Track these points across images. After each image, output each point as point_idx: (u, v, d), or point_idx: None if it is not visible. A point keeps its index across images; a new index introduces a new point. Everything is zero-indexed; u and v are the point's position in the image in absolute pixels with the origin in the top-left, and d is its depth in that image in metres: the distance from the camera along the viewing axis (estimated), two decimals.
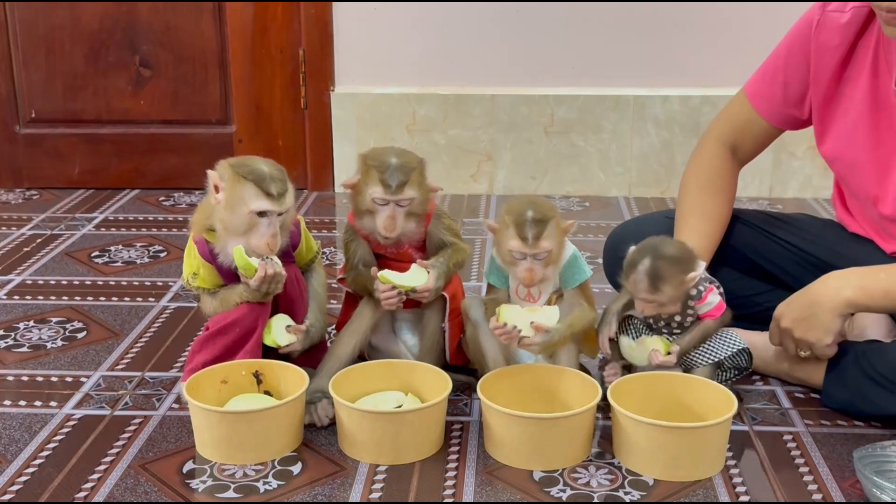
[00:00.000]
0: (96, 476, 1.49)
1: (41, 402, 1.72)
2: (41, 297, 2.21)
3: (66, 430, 1.63)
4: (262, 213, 1.55)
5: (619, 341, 1.67)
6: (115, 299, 2.21)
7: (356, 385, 1.62)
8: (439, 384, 1.60)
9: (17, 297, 2.22)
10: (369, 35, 2.98)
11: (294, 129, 3.06)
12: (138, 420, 1.66)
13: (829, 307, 1.60)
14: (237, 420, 1.51)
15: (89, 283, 2.31)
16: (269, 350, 1.66)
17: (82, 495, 1.44)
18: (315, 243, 1.78)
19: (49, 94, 3.06)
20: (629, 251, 1.61)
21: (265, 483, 1.47)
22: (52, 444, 1.58)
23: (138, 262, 2.46)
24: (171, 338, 2.00)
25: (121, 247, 2.57)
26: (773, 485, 1.47)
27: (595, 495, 1.44)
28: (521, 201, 1.60)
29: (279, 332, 1.65)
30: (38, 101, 3.07)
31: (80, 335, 2.01)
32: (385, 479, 1.48)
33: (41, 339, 1.99)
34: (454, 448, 1.57)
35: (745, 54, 2.89)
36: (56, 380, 1.81)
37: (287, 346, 1.65)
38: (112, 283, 2.31)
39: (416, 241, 1.71)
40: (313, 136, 3.06)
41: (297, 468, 1.51)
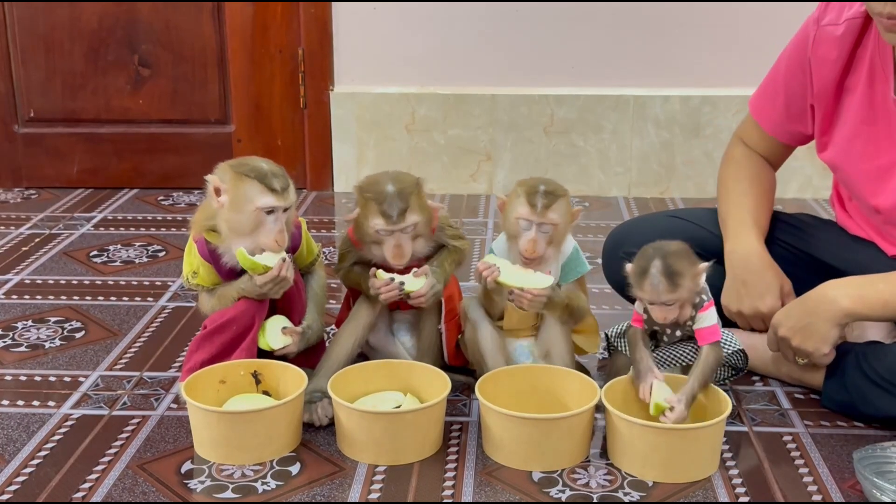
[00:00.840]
0: (94, 476, 1.48)
1: (39, 402, 1.72)
2: (39, 297, 2.21)
3: (64, 429, 1.63)
4: (268, 211, 1.55)
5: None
6: (113, 299, 2.20)
7: (355, 385, 1.62)
8: (438, 385, 1.59)
9: (15, 297, 2.21)
10: (369, 35, 2.97)
11: (293, 128, 3.06)
12: (136, 420, 1.66)
13: (827, 317, 1.59)
14: (236, 420, 1.51)
15: (88, 282, 2.31)
16: (265, 350, 1.66)
17: (80, 495, 1.43)
18: (316, 246, 1.78)
19: (48, 93, 3.05)
20: (628, 267, 1.56)
21: (263, 483, 1.47)
22: (51, 444, 1.58)
23: (137, 261, 2.46)
24: (170, 337, 2.00)
25: (119, 246, 2.57)
26: (772, 486, 1.47)
27: (594, 496, 1.43)
28: (534, 178, 1.61)
29: (273, 336, 1.65)
30: (38, 100, 3.06)
31: (78, 335, 2.01)
32: (384, 480, 1.48)
33: (39, 338, 1.99)
34: (453, 448, 1.57)
35: (745, 54, 2.90)
36: (54, 379, 1.81)
37: (281, 348, 1.65)
38: (111, 283, 2.30)
39: (425, 255, 1.71)
40: (313, 136, 3.05)
41: (295, 468, 1.51)
